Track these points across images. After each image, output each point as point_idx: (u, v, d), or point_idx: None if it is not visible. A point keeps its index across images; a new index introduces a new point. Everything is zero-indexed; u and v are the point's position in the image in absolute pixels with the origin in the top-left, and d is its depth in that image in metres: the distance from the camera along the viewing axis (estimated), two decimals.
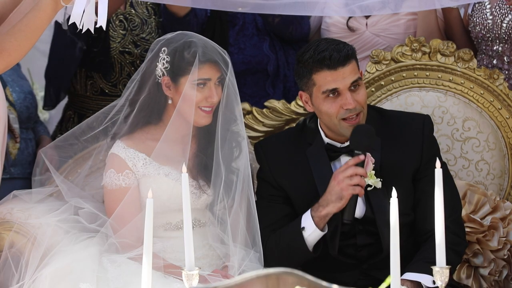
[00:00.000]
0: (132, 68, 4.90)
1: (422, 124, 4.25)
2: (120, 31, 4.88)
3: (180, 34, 4.21)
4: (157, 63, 4.16)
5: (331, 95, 4.10)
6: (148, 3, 4.91)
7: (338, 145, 4.21)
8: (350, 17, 4.98)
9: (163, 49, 4.17)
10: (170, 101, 4.16)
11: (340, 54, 4.09)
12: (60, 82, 5.01)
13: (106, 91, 4.96)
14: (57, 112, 5.57)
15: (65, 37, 4.88)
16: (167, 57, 4.15)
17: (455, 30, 4.92)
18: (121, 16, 4.88)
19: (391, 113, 4.38)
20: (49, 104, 5.09)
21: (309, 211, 4.08)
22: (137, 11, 4.90)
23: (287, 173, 4.24)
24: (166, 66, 4.15)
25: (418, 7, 4.56)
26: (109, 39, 4.88)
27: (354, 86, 4.11)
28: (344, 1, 4.38)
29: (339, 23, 4.98)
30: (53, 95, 5.05)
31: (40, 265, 3.98)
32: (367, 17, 4.96)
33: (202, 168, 4.19)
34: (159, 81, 4.16)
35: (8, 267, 4.07)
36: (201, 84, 4.12)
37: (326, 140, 4.23)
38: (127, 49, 4.90)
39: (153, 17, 4.94)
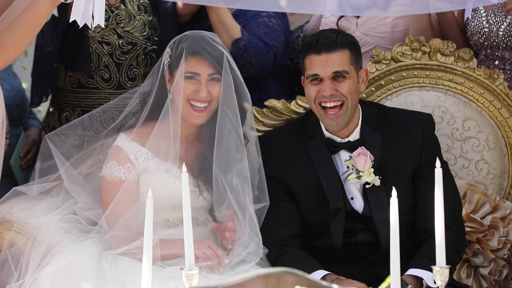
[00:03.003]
0: (110, 60, 4.85)
1: (423, 122, 4.27)
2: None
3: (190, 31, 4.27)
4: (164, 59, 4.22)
5: (314, 80, 4.13)
6: (141, 1, 4.89)
7: (338, 139, 4.23)
8: (340, 17, 5.00)
9: (170, 43, 4.22)
10: (171, 96, 4.18)
11: (327, 39, 4.11)
12: (41, 80, 4.97)
13: (83, 83, 4.87)
14: None
15: (43, 34, 4.86)
16: (169, 51, 4.20)
17: (450, 32, 4.91)
18: (106, 6, 4.83)
19: (393, 110, 4.40)
20: (34, 101, 5.07)
21: (321, 275, 4.04)
22: (126, 7, 4.87)
23: (289, 167, 4.25)
24: (168, 60, 4.18)
25: (410, 10, 4.59)
26: (84, 28, 4.81)
27: (338, 76, 4.12)
28: (337, 2, 4.41)
29: (331, 22, 4.99)
30: (36, 93, 5.02)
31: (40, 264, 3.98)
32: (357, 16, 4.97)
33: (205, 170, 4.19)
34: (164, 75, 4.21)
35: (8, 266, 4.07)
36: (190, 78, 4.14)
37: (327, 134, 4.24)
38: (106, 40, 4.83)
39: (143, 14, 4.91)
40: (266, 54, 5.04)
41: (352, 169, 4.19)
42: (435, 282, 3.17)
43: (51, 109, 5.00)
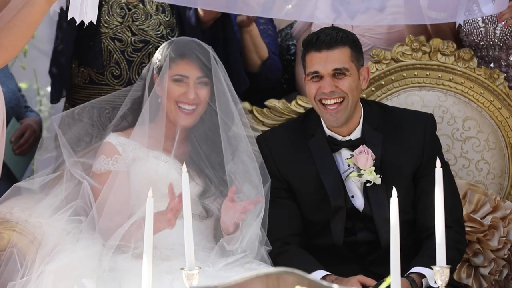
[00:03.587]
0: (122, 57, 4.85)
1: (425, 122, 4.28)
2: (118, 18, 4.83)
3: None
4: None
5: (314, 78, 4.14)
6: (159, 2, 4.90)
7: (339, 138, 4.23)
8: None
9: (159, 48, 4.29)
10: (159, 100, 4.22)
11: (327, 37, 4.13)
12: (60, 76, 4.99)
13: (94, 79, 4.87)
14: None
15: (57, 37, 4.89)
16: (159, 55, 4.26)
17: (443, 34, 4.89)
18: (124, 4, 4.83)
19: (395, 110, 4.40)
20: (54, 97, 5.10)
21: (321, 275, 4.05)
22: (145, 6, 4.86)
23: (290, 165, 4.27)
24: (158, 64, 4.22)
25: (404, 20, 4.61)
26: (98, 22, 4.80)
27: (338, 74, 4.13)
28: (331, 6, 4.42)
29: (326, 24, 5.00)
30: (54, 90, 5.05)
31: (43, 262, 4.00)
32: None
33: (198, 170, 4.23)
34: (154, 79, 4.25)
35: (11, 264, 4.08)
36: (178, 80, 4.20)
37: (328, 132, 4.25)
38: (118, 37, 4.82)
39: (160, 14, 4.91)
40: (280, 66, 5.11)
41: (353, 167, 4.20)
42: (435, 282, 3.17)
43: (66, 105, 5.04)
